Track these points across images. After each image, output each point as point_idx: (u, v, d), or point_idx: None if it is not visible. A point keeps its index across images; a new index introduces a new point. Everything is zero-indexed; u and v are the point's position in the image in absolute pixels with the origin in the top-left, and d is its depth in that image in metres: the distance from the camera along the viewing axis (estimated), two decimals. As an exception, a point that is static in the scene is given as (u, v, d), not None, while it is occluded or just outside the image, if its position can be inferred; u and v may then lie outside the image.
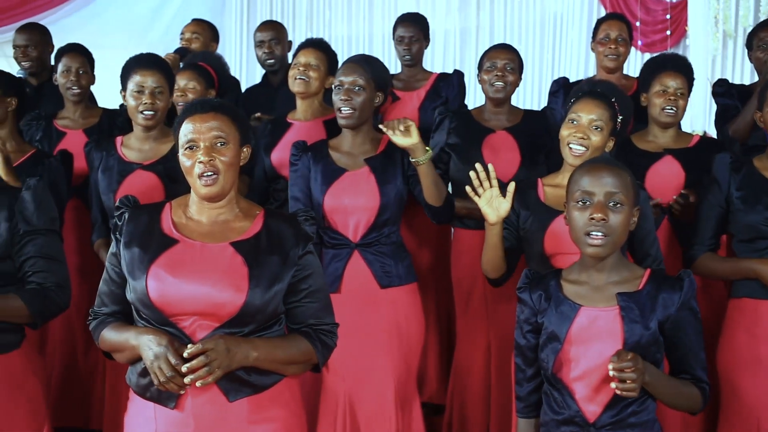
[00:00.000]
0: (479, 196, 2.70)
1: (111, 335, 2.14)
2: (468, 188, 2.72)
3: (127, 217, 2.16)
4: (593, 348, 2.16)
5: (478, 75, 3.65)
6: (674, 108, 3.33)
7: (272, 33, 4.51)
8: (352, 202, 3.05)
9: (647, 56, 5.94)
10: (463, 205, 3.49)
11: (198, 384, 1.97)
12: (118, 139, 3.37)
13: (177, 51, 4.47)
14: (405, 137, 2.89)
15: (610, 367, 2.06)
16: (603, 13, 5.84)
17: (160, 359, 1.98)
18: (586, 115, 2.73)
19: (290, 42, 4.59)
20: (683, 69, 3.43)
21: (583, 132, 2.71)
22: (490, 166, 2.72)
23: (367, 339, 3.05)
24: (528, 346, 2.28)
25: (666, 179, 3.31)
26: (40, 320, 2.48)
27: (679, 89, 3.34)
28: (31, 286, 2.47)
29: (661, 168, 3.33)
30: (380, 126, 2.96)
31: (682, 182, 3.29)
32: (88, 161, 3.39)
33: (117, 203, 2.20)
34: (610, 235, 2.15)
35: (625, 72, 4.12)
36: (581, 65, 6.21)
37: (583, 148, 2.71)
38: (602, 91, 2.82)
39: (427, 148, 2.98)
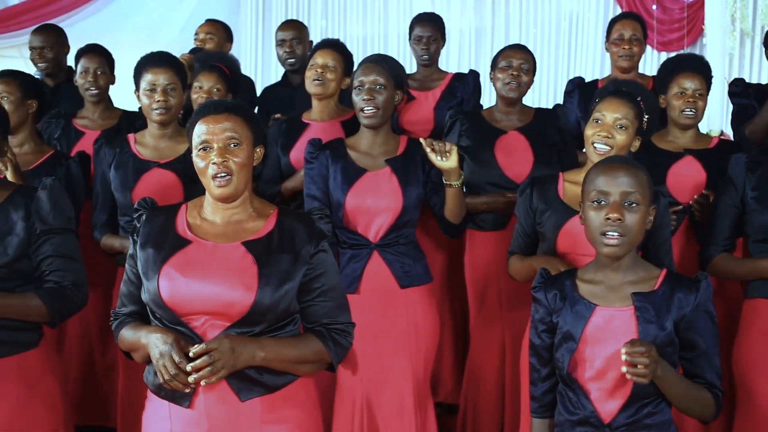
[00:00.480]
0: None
1: (127, 335, 2.17)
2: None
3: (144, 218, 2.19)
4: (608, 348, 2.15)
5: (491, 74, 3.64)
6: (693, 109, 3.31)
7: (294, 32, 4.52)
8: (375, 203, 3.05)
9: (663, 55, 5.92)
10: (481, 201, 3.49)
11: (202, 383, 1.99)
12: (131, 136, 3.36)
13: (192, 51, 4.48)
14: (445, 159, 2.91)
15: (623, 350, 2.03)
16: (619, 12, 5.81)
17: (165, 357, 2.00)
18: (611, 114, 2.70)
19: (311, 42, 4.60)
20: (701, 69, 3.40)
21: (607, 131, 2.69)
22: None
23: (385, 340, 3.04)
24: (543, 346, 2.28)
25: (687, 179, 3.30)
26: (57, 319, 2.50)
27: (698, 90, 3.32)
28: (49, 285, 2.48)
29: (681, 168, 3.32)
30: (421, 141, 2.97)
31: (703, 182, 3.28)
32: (97, 158, 3.36)
33: (135, 205, 2.23)
34: (627, 235, 2.15)
35: (641, 71, 4.11)
36: (596, 65, 6.19)
37: (608, 147, 2.68)
38: (627, 90, 2.80)
39: (462, 171, 3.00)
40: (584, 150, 2.84)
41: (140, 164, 3.27)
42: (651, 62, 5.90)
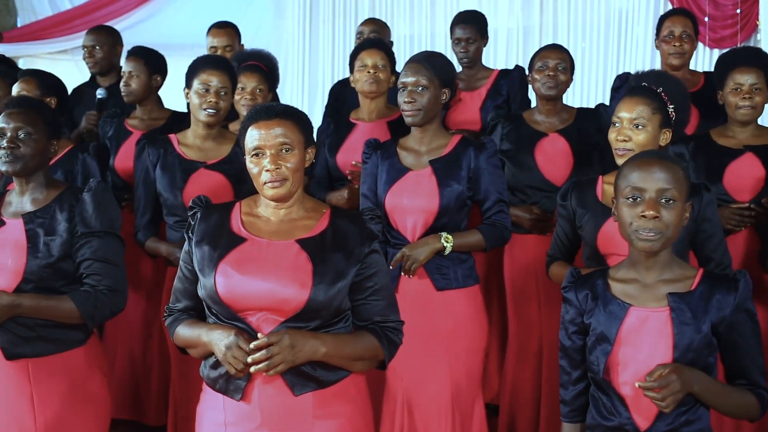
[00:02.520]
0: None
1: (184, 332, 2.21)
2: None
3: (199, 216, 2.23)
4: (644, 351, 2.09)
5: (529, 75, 3.62)
6: (751, 105, 3.23)
7: (373, 27, 4.56)
8: (411, 203, 3.03)
9: (716, 52, 5.79)
10: (513, 213, 3.46)
11: (265, 374, 2.03)
12: (173, 137, 3.39)
13: None
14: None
15: (637, 384, 2.02)
16: (669, 8, 5.70)
17: (232, 348, 2.04)
18: (627, 115, 2.68)
19: (391, 42, 4.64)
20: (757, 62, 3.31)
21: (624, 134, 2.67)
22: None
23: (423, 340, 3.02)
24: (573, 348, 2.21)
25: (746, 176, 3.23)
26: (91, 323, 2.55)
27: (755, 85, 3.23)
28: (84, 289, 2.53)
29: (741, 165, 3.25)
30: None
31: (763, 179, 3.20)
32: (140, 159, 3.37)
33: (190, 203, 2.27)
34: (663, 232, 2.08)
35: (692, 67, 4.03)
36: (647, 62, 6.07)
37: (628, 150, 2.66)
38: (646, 85, 2.75)
39: (443, 236, 2.97)
40: None
41: (187, 165, 3.30)
42: (703, 59, 5.77)
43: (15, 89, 3.56)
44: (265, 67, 3.81)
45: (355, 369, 2.19)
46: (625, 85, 2.91)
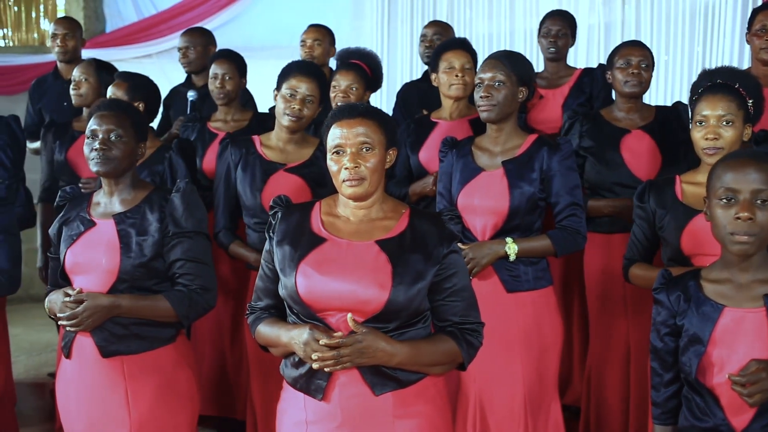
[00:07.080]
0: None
1: (265, 331, 2.24)
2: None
3: (279, 216, 2.25)
4: (739, 351, 2.05)
5: (608, 73, 3.56)
6: None
7: (437, 29, 4.58)
8: (482, 203, 3.01)
9: (808, 46, 5.58)
10: (607, 204, 3.41)
11: (326, 370, 2.07)
12: (256, 138, 3.43)
13: None
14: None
15: (727, 376, 1.99)
16: (759, 3, 5.53)
17: (310, 344, 2.06)
18: (713, 112, 2.62)
19: None
20: None
21: (713, 132, 2.62)
22: None
23: (495, 342, 2.95)
24: (666, 350, 2.19)
25: None
26: (186, 321, 2.62)
27: None
28: (178, 288, 2.60)
29: None
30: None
31: None
32: (222, 158, 3.41)
33: (271, 203, 2.30)
34: (758, 234, 2.04)
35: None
36: (734, 59, 5.89)
37: (718, 148, 2.61)
38: (724, 82, 2.70)
39: (508, 243, 2.94)
40: None
41: (267, 166, 3.34)
42: (794, 54, 5.57)
43: (109, 91, 3.65)
44: (366, 65, 3.84)
45: (431, 373, 2.19)
46: (695, 84, 2.84)
